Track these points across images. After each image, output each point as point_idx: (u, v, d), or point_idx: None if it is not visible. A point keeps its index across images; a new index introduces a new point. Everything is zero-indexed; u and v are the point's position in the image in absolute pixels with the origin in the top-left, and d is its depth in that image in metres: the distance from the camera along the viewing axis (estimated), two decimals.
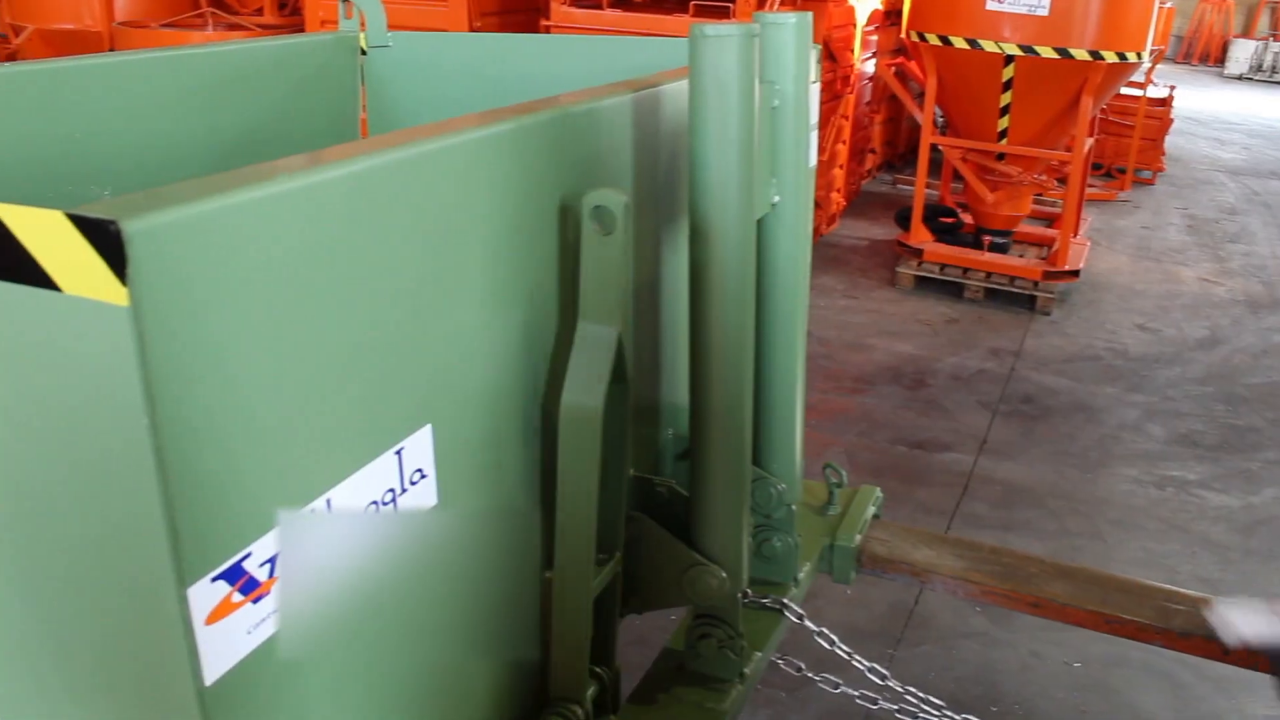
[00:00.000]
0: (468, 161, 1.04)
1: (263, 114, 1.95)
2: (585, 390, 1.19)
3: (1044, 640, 3.14)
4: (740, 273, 1.30)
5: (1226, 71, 18.47)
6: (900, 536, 2.01)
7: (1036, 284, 5.96)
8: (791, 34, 1.40)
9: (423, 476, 1.05)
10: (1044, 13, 5.38)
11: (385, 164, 0.92)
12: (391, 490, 1.01)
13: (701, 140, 1.23)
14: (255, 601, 0.86)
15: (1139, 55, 5.56)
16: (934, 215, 6.43)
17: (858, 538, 1.96)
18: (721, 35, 1.19)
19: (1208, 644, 1.81)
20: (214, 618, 0.82)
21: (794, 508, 1.74)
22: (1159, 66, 8.41)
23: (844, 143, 6.90)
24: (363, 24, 2.13)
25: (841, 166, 6.98)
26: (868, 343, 5.38)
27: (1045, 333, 5.69)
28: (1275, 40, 18.54)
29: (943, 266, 6.13)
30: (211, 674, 0.83)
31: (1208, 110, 13.81)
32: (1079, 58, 5.41)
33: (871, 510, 2.05)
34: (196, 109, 1.80)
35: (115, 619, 0.82)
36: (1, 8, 6.95)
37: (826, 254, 6.71)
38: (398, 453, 1.00)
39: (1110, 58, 5.40)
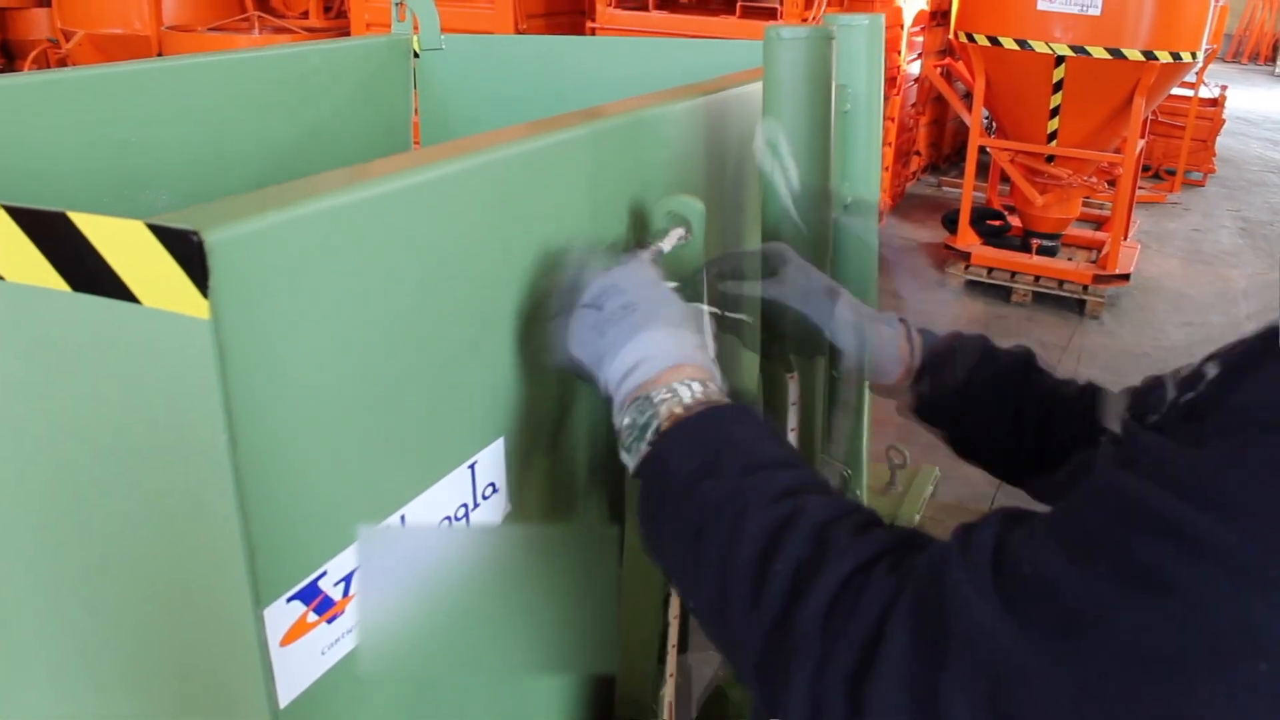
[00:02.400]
0: (544, 167, 1.01)
1: (316, 117, 1.94)
2: None
3: None
4: None
5: (1278, 70, 18.17)
6: (956, 515, 1.98)
7: (1086, 288, 5.86)
8: (864, 36, 1.36)
9: (495, 490, 1.03)
10: (1096, 12, 5.29)
11: (462, 171, 0.90)
12: (464, 505, 0.98)
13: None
14: (330, 621, 0.84)
15: (1193, 55, 5.45)
16: (981, 218, 6.35)
17: (917, 518, 1.95)
18: (798, 37, 1.15)
19: None
20: (289, 639, 0.80)
21: (860, 494, 1.71)
22: (1210, 66, 8.27)
23: (889, 145, 6.84)
24: (415, 27, 2.11)
25: (887, 168, 6.92)
26: None
27: (1095, 337, 5.60)
28: None
29: (990, 270, 6.06)
30: (286, 696, 0.80)
31: (1259, 110, 13.58)
32: (1132, 58, 5.31)
33: (930, 489, 2.02)
34: (252, 113, 1.79)
35: (187, 640, 0.79)
36: (52, 13, 7.03)
37: None
38: (471, 467, 0.98)
39: (1164, 58, 5.30)
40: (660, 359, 0.88)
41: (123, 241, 0.67)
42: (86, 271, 0.69)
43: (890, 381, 1.14)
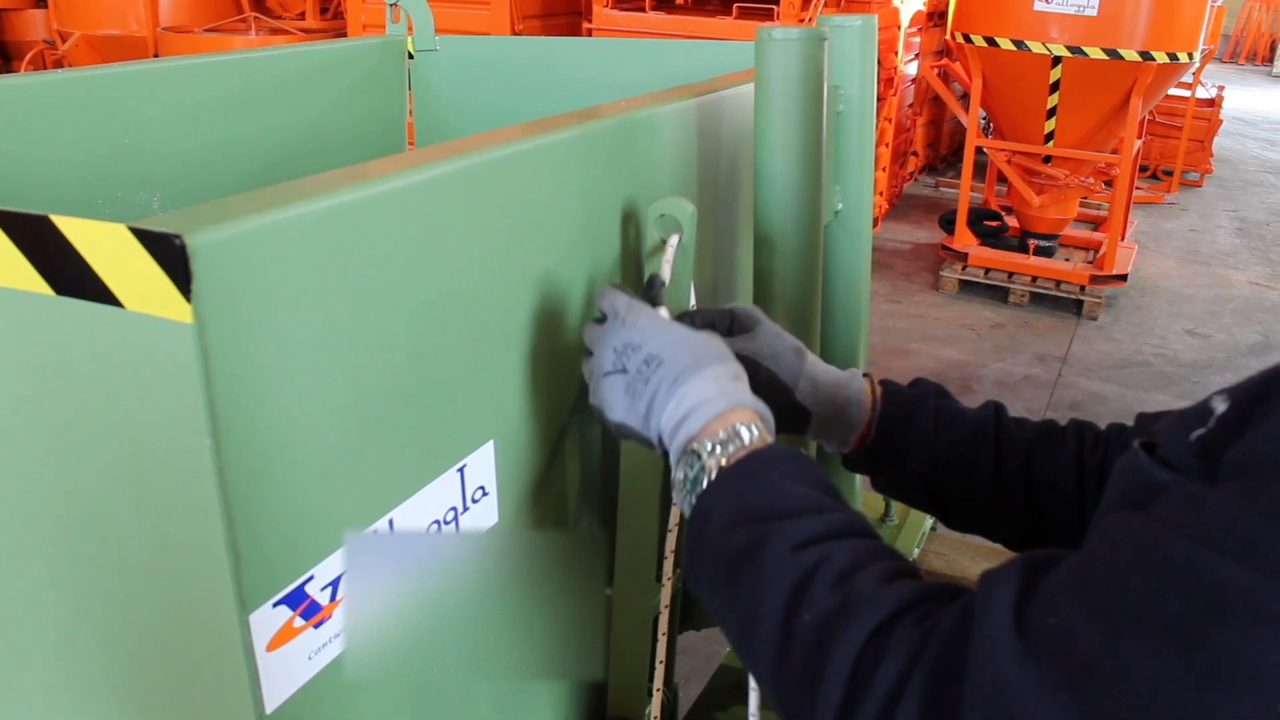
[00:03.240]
0: (531, 170, 1.01)
1: (310, 119, 1.93)
2: None
3: None
4: (807, 282, 1.26)
5: (1275, 71, 18.18)
6: (958, 550, 1.96)
7: (1083, 288, 5.87)
8: (857, 37, 1.36)
9: (484, 494, 1.02)
10: (1093, 13, 5.29)
11: (448, 174, 0.89)
12: (454, 509, 0.98)
13: (767, 147, 1.20)
14: (317, 626, 0.83)
15: (1190, 55, 5.45)
16: (978, 219, 6.35)
17: (916, 551, 1.92)
18: (790, 38, 1.15)
19: None
20: (275, 644, 0.79)
21: None
22: (1206, 66, 8.27)
23: (886, 145, 6.85)
24: (410, 28, 2.11)
25: (884, 169, 6.92)
26: (911, 348, 5.31)
27: (1092, 338, 5.60)
28: None
29: (987, 270, 6.06)
30: (273, 701, 0.80)
31: (1256, 111, 13.60)
32: (1128, 58, 5.31)
33: (929, 523, 2.00)
34: (245, 114, 1.78)
35: (173, 645, 0.79)
36: (48, 14, 7.03)
37: None
38: (460, 470, 0.97)
39: (1161, 58, 5.30)
40: (706, 407, 0.87)
41: (106, 245, 0.67)
42: (70, 275, 0.69)
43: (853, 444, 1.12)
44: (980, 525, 1.13)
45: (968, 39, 5.71)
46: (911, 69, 7.35)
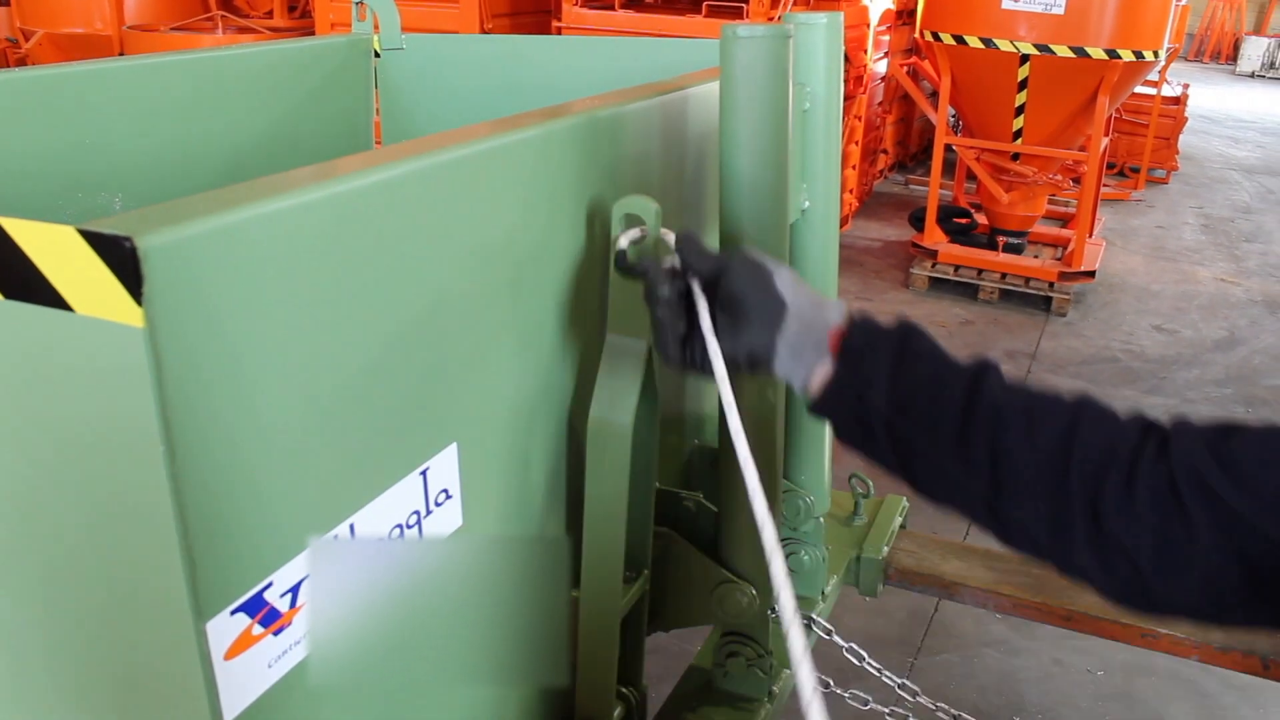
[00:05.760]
0: (493, 169, 1.00)
1: (276, 118, 1.91)
2: (613, 405, 1.15)
3: (1066, 648, 3.10)
4: None
5: (1238, 69, 18.40)
6: (928, 548, 1.97)
7: (1052, 285, 5.91)
8: (823, 35, 1.35)
9: (448, 497, 1.01)
10: (1059, 11, 5.33)
11: (409, 173, 0.88)
12: (416, 512, 0.97)
13: (733, 146, 1.19)
14: (276, 634, 0.82)
15: (1155, 54, 5.50)
16: (948, 216, 6.38)
17: (885, 549, 1.92)
18: (755, 36, 1.14)
19: (1246, 659, 1.77)
20: (233, 652, 0.78)
21: (822, 520, 1.70)
22: (1172, 65, 8.35)
23: (856, 143, 6.86)
24: (376, 26, 2.09)
25: (854, 167, 6.94)
26: None
27: (1061, 334, 5.64)
28: None
29: (957, 268, 6.09)
30: (231, 711, 0.79)
31: (1221, 109, 13.74)
32: (1095, 57, 5.35)
33: (898, 521, 2.00)
34: (209, 113, 1.76)
35: (129, 655, 0.78)
36: (11, 12, 6.94)
37: (839, 255, 6.66)
38: (423, 473, 0.96)
39: (1127, 56, 5.35)
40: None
41: (55, 248, 0.65)
42: (18, 278, 0.67)
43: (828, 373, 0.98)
44: (944, 494, 0.96)
45: (936, 37, 5.73)
46: (881, 67, 7.37)
